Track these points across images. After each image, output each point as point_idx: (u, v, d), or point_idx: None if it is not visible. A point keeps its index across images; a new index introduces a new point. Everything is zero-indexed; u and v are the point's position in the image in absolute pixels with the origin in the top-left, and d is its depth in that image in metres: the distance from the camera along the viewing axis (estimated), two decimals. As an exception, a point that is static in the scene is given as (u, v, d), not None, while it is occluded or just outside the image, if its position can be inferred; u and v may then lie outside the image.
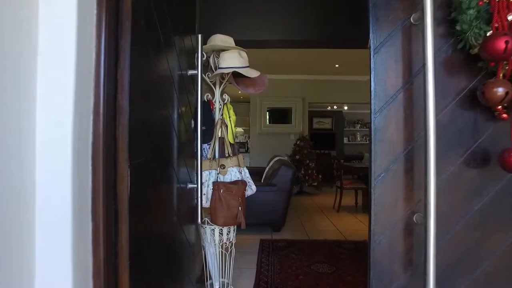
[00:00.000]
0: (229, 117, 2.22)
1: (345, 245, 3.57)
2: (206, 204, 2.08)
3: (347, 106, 10.76)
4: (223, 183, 2.12)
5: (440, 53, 1.18)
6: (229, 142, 2.21)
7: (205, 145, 2.17)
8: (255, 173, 6.71)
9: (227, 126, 2.22)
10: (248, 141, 8.28)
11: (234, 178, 2.21)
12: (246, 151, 8.38)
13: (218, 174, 2.14)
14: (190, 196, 1.83)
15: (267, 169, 5.44)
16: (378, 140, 1.05)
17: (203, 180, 2.05)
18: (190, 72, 1.77)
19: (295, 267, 2.97)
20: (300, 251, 3.40)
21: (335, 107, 10.56)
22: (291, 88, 7.71)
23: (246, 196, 2.28)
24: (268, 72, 7.72)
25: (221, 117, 2.20)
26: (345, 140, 11.98)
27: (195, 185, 1.73)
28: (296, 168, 7.14)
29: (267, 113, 7.73)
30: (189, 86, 1.88)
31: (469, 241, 1.16)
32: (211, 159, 2.13)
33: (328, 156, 8.44)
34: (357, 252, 3.34)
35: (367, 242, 3.68)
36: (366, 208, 5.33)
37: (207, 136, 2.14)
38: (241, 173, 2.22)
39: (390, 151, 1.10)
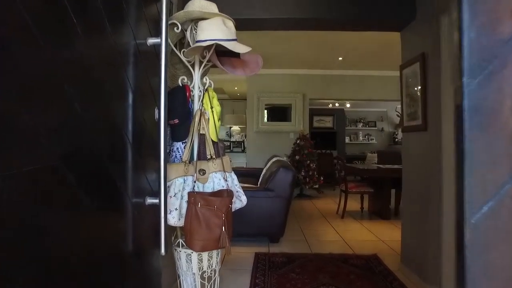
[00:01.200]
0: (212, 108, 1.70)
1: (354, 261, 3.06)
2: (179, 222, 1.57)
3: (349, 103, 10.25)
4: (202, 194, 1.61)
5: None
6: (211, 140, 1.69)
7: (179, 144, 1.66)
8: (252, 174, 6.22)
9: (209, 120, 1.70)
10: (245, 140, 7.76)
11: (217, 187, 1.69)
12: (243, 151, 7.87)
13: (196, 182, 1.62)
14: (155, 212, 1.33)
15: (264, 170, 4.92)
16: (477, 131, 0.52)
17: (175, 190, 1.55)
18: (151, 40, 1.25)
19: (296, 292, 2.46)
20: (302, 269, 2.88)
21: (336, 104, 10.06)
22: (290, 84, 7.20)
23: (234, 210, 1.77)
24: (266, 66, 7.20)
25: (201, 108, 1.68)
26: (347, 140, 11.49)
27: (157, 200, 1.22)
28: (296, 170, 6.65)
29: (265, 110, 7.21)
30: (153, 64, 1.37)
31: None
32: (187, 162, 1.62)
33: (329, 157, 7.94)
34: (369, 271, 2.83)
35: (378, 257, 3.17)
36: (373, 213, 4.83)
37: (181, 132, 1.63)
38: (226, 180, 1.70)
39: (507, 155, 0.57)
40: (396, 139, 11.28)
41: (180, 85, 1.67)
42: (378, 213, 4.85)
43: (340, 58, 6.20)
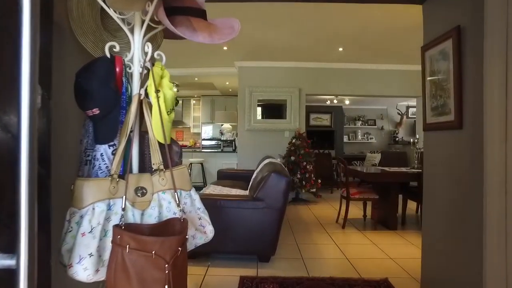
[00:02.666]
0: (157, 92, 1.10)
1: (361, 290, 2.48)
2: (97, 276, 0.97)
3: (349, 100, 9.68)
4: (136, 230, 1.00)
5: None
6: (157, 141, 1.10)
7: (104, 149, 1.05)
8: (242, 177, 5.61)
9: (159, 111, 1.10)
10: (236, 138, 7.16)
11: (166, 215, 1.09)
12: (234, 150, 7.28)
13: (131, 206, 1.03)
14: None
15: (255, 173, 4.34)
16: None
17: (92, 223, 0.96)
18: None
19: None
20: (297, 301, 2.30)
21: (335, 101, 9.47)
22: (285, 78, 6.60)
23: (193, 247, 1.18)
24: (258, 58, 6.64)
25: (141, 93, 1.09)
26: (345, 139, 10.94)
27: (13, 262, 0.62)
28: (291, 172, 6.07)
29: (258, 106, 6.61)
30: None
31: None
32: (116, 176, 1.02)
33: (328, 157, 7.37)
34: (381, 306, 2.25)
35: (390, 283, 2.56)
36: (378, 223, 4.26)
37: (106, 129, 1.03)
38: (180, 205, 1.10)
39: None
40: (397, 138, 10.74)
41: (108, 55, 1.07)
42: (384, 222, 4.28)
43: (340, 49, 5.61)
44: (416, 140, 4.45)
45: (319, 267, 2.99)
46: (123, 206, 0.98)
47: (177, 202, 1.08)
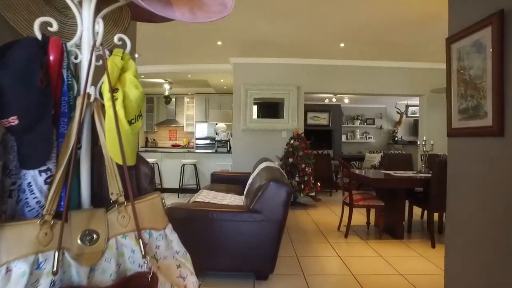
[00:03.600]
0: (114, 92, 0.76)
1: (373, 318, 2.16)
2: None
3: (348, 99, 9.39)
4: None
5: None
6: (115, 163, 0.76)
7: (33, 175, 0.72)
8: (237, 181, 5.26)
9: (116, 117, 0.76)
10: (231, 139, 6.82)
11: (129, 269, 0.76)
12: (228, 151, 6.94)
13: (74, 262, 0.69)
14: None
15: (251, 178, 4.02)
16: None
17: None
18: None
19: None
20: (300, 334, 1.98)
21: (334, 99, 9.17)
22: (283, 75, 6.27)
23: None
24: (255, 54, 6.28)
25: (91, 93, 0.75)
26: (343, 138, 10.65)
27: None
28: (289, 174, 5.75)
29: (254, 105, 6.28)
30: None
31: None
32: (47, 216, 0.68)
33: (326, 158, 7.06)
34: None
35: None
36: (384, 231, 3.95)
37: (34, 147, 0.69)
38: (147, 255, 0.77)
39: None
40: (396, 138, 10.48)
41: (39, 36, 0.72)
42: (390, 230, 3.98)
43: (342, 45, 5.29)
44: (423, 142, 4.15)
45: (322, 285, 2.68)
46: (55, 263, 0.65)
47: (142, 251, 0.74)
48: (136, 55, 6.09)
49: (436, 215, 3.87)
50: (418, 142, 4.30)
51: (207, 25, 4.48)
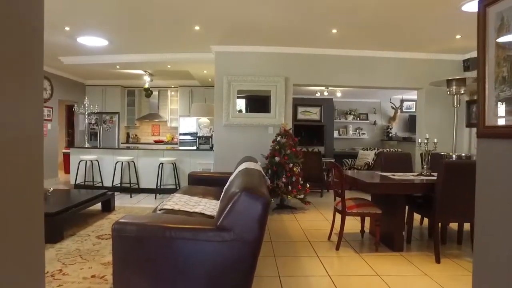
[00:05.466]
0: None
1: None
2: None
3: (341, 92, 8.87)
4: None
5: None
6: None
7: None
8: (218, 182, 4.67)
9: None
10: (213, 135, 6.26)
11: None
12: (211, 148, 6.38)
13: None
14: None
15: (228, 182, 3.48)
16: None
17: None
18: None
19: None
20: None
21: (325, 93, 8.64)
22: (270, 65, 5.72)
23: None
24: (238, 42, 5.56)
25: None
26: (335, 134, 10.17)
27: None
28: (275, 174, 5.22)
29: (238, 98, 5.72)
30: None
31: None
32: None
33: (317, 156, 6.55)
34: None
35: None
36: (383, 242, 3.45)
37: None
38: None
39: None
40: (390, 134, 10.02)
41: None
42: (387, 241, 3.49)
43: (334, 31, 4.74)
44: (425, 140, 3.65)
45: (309, 321, 2.16)
46: None
47: None
48: (107, 42, 5.49)
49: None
50: (419, 140, 3.79)
51: (182, 7, 3.89)
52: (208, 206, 3.61)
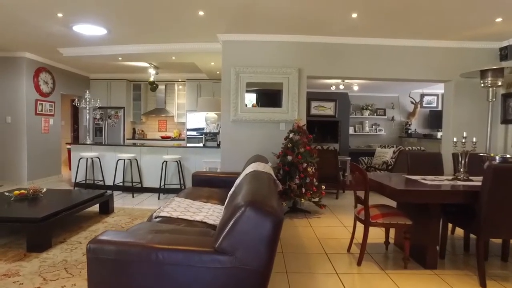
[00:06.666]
0: None
1: None
2: None
3: (358, 86, 8.32)
4: None
5: None
6: None
7: None
8: (224, 184, 4.21)
9: None
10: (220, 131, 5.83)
11: None
12: (219, 145, 5.96)
13: None
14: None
15: (234, 186, 3.04)
16: None
17: None
18: None
19: None
20: None
21: (341, 86, 8.10)
22: (282, 55, 5.24)
23: None
24: (247, 30, 4.93)
25: None
26: (350, 130, 9.63)
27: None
28: (287, 175, 4.75)
29: (247, 91, 5.26)
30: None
31: None
32: None
33: (332, 154, 6.06)
34: None
35: None
36: (412, 257, 2.96)
37: None
38: None
39: None
40: (409, 131, 9.42)
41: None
42: (418, 256, 3.00)
43: (354, 15, 4.23)
44: (463, 140, 3.13)
45: None
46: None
47: None
48: (105, 31, 5.09)
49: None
50: (454, 139, 3.27)
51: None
52: (212, 212, 3.19)
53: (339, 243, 3.60)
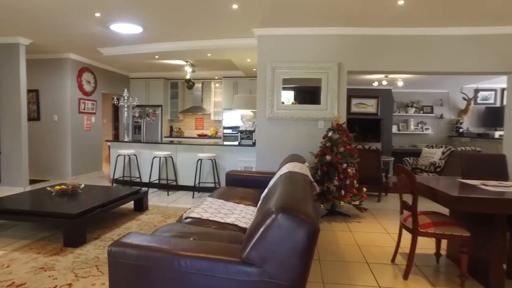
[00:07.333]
0: None
1: None
2: None
3: (403, 81, 7.78)
4: None
5: None
6: None
7: None
8: (259, 183, 4.03)
9: None
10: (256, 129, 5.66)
11: None
12: (253, 144, 5.80)
13: None
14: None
15: (268, 187, 2.85)
16: None
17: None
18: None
19: None
20: None
21: (384, 82, 7.61)
22: (320, 49, 4.96)
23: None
24: (283, 23, 4.62)
25: None
26: (394, 129, 9.06)
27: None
28: (326, 176, 4.49)
29: (283, 88, 5.04)
30: None
31: None
32: None
33: (374, 154, 5.66)
34: None
35: None
36: (471, 274, 2.59)
37: None
38: None
39: None
40: (461, 130, 8.67)
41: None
42: (477, 273, 2.62)
43: (401, 2, 3.85)
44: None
45: None
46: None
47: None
48: (141, 29, 5.12)
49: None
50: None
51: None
52: (244, 214, 3.02)
53: (382, 251, 3.28)
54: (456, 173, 3.42)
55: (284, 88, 5.04)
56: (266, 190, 2.79)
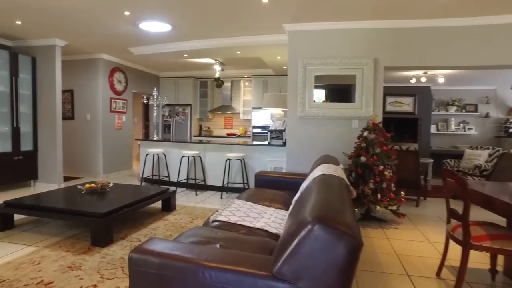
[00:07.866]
0: None
1: None
2: None
3: (444, 77, 7.28)
4: None
5: None
6: None
7: None
8: (289, 185, 3.76)
9: None
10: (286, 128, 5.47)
11: None
12: (284, 144, 5.60)
13: None
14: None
15: (299, 192, 2.65)
16: None
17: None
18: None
19: None
20: None
21: (423, 79, 7.15)
22: (354, 44, 4.68)
23: None
24: (315, 18, 4.36)
25: None
26: (432, 129, 8.53)
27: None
28: (361, 178, 4.21)
29: (315, 85, 4.81)
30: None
31: None
32: None
33: (412, 155, 5.29)
34: None
35: None
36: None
37: None
38: None
39: None
40: (511, 129, 7.99)
41: None
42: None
43: (447, -10, 3.52)
44: None
45: None
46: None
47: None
48: (170, 27, 5.07)
49: None
50: None
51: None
52: (274, 218, 2.85)
53: (424, 263, 2.99)
54: (508, 178, 3.05)
55: (316, 87, 4.81)
56: (298, 194, 2.59)
